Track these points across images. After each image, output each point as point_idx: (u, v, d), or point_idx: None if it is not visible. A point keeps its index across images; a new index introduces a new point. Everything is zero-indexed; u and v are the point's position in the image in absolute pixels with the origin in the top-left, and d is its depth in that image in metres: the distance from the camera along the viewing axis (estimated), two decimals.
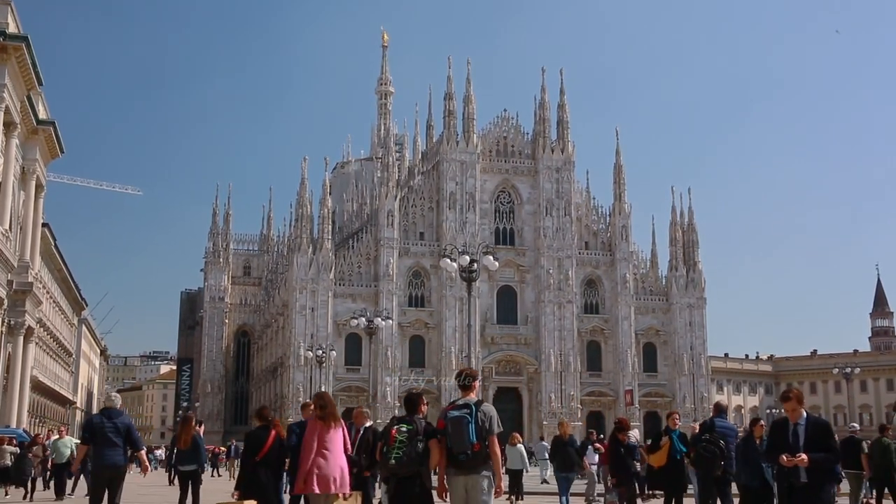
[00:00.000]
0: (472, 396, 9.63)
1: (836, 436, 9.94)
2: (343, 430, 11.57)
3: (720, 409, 16.67)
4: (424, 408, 10.12)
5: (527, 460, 28.41)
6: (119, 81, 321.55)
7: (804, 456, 9.26)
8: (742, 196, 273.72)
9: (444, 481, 9.53)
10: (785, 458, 9.31)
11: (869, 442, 20.28)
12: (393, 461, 9.47)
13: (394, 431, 9.63)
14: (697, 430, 16.68)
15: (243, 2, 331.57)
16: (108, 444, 13.40)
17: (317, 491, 10.86)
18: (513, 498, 25.12)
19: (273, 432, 12.35)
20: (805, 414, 9.66)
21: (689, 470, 17.17)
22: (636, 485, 20.12)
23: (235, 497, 12.25)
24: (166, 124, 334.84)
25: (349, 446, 12.04)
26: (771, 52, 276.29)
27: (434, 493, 9.71)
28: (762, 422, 15.50)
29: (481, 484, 9.30)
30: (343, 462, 11.29)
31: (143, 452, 14.68)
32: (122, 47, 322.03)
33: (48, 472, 29.41)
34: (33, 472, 27.01)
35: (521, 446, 27.49)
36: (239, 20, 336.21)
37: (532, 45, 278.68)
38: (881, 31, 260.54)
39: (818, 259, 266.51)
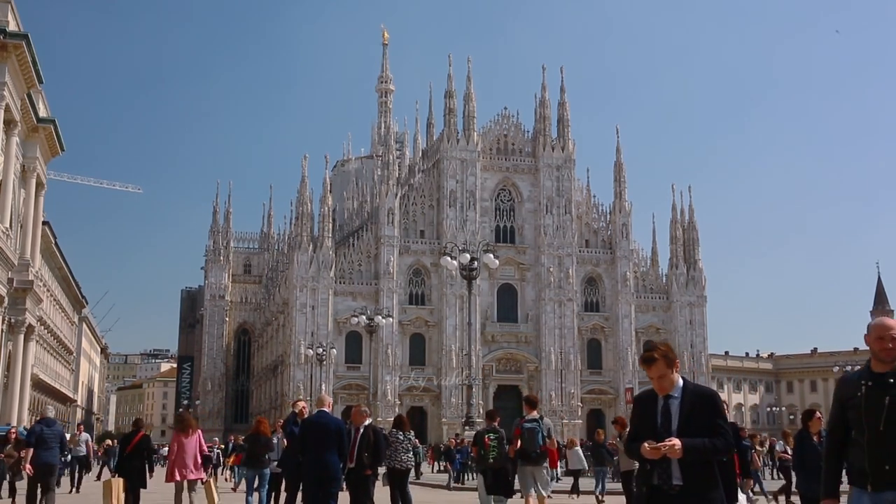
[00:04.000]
0: (536, 413, 15.13)
1: (725, 412, 6.44)
2: (199, 435, 16.46)
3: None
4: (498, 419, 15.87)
5: (584, 460, 29.65)
6: (119, 79, 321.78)
7: (676, 441, 5.94)
8: (742, 194, 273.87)
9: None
10: (647, 445, 6.00)
11: None
12: (491, 459, 14.88)
13: (487, 439, 14.96)
14: None
15: (244, 1, 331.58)
16: (46, 447, 17.35)
17: (178, 478, 15.87)
18: (574, 496, 25.89)
19: (141, 433, 16.94)
20: (682, 382, 6.39)
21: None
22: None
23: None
24: (167, 122, 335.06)
25: (205, 448, 16.82)
26: (772, 51, 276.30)
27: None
28: (818, 413, 13.42)
29: (543, 472, 15.38)
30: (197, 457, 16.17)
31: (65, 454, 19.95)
32: (122, 45, 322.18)
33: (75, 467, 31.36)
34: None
35: (579, 449, 29.86)
36: (239, 18, 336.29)
37: (533, 42, 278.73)
38: (881, 30, 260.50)
39: (819, 257, 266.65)
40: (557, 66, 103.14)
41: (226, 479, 36.17)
